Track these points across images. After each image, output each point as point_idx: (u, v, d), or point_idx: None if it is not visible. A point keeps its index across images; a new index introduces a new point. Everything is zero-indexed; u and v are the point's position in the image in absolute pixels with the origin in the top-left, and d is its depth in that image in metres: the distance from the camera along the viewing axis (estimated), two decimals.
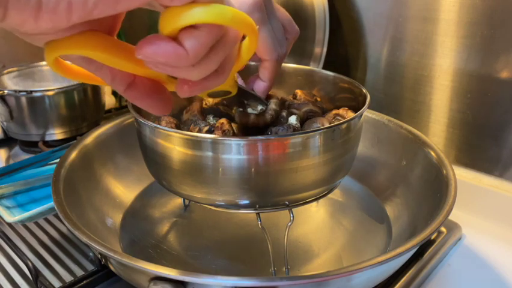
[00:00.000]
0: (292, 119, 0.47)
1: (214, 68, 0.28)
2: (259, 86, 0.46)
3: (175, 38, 0.25)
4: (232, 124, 0.45)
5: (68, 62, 0.29)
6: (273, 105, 0.46)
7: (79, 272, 0.50)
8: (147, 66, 0.26)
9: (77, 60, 0.28)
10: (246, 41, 0.30)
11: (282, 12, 0.48)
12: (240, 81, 0.49)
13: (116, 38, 0.28)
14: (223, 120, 0.44)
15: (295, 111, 0.49)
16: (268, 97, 0.47)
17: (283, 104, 0.49)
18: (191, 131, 0.46)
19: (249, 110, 0.46)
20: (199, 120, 0.48)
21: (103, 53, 0.26)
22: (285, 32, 0.47)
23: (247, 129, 0.45)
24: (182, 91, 0.29)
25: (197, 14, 0.24)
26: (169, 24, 0.24)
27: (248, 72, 0.50)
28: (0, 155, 0.79)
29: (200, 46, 0.25)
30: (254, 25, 0.27)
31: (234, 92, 0.39)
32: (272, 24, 0.43)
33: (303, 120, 0.49)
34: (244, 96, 0.45)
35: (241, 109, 0.46)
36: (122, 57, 0.27)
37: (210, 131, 0.45)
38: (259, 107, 0.46)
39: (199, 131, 0.45)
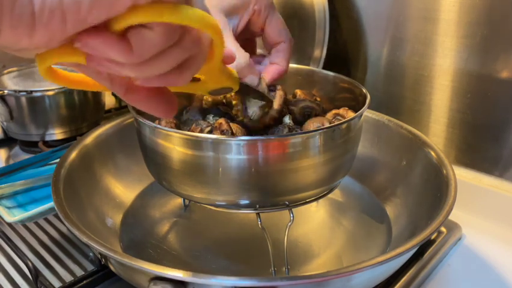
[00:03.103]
0: (286, 119, 0.47)
1: (166, 69, 0.27)
2: (275, 71, 0.45)
3: (123, 35, 0.24)
4: (231, 124, 0.45)
5: (63, 69, 0.29)
6: (277, 100, 0.46)
7: (79, 272, 0.50)
8: (89, 65, 0.25)
9: (73, 66, 0.28)
10: (214, 41, 0.29)
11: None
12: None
13: None
14: (221, 120, 0.44)
15: (291, 107, 0.49)
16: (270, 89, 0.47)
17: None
18: (192, 131, 0.46)
19: (250, 106, 0.46)
20: (201, 120, 0.48)
21: None
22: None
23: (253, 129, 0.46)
24: (138, 82, 0.28)
25: (144, 13, 0.23)
26: (117, 20, 0.23)
27: None
28: (0, 155, 0.79)
29: (147, 45, 0.24)
30: (216, 25, 0.27)
31: (236, 88, 0.39)
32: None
33: (301, 117, 0.49)
34: (246, 92, 0.45)
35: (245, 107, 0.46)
36: None
37: (211, 132, 0.45)
38: (261, 103, 0.46)
39: (201, 131, 0.45)
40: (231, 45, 0.44)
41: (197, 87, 0.36)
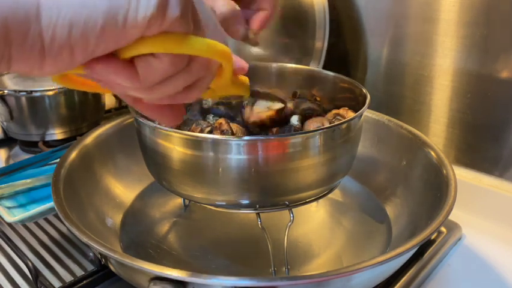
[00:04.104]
0: (294, 119, 0.47)
1: (173, 92, 0.27)
2: (261, 18, 0.44)
3: (131, 61, 0.25)
4: (231, 124, 0.45)
5: (75, 76, 0.29)
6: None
7: (79, 272, 0.50)
8: (98, 83, 0.26)
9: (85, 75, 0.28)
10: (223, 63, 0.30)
11: None
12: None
13: None
14: (221, 120, 0.44)
15: (293, 109, 0.49)
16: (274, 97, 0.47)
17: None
18: (193, 131, 0.46)
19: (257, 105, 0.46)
20: (201, 120, 0.48)
21: None
22: None
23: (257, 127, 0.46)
24: (145, 101, 0.29)
25: (152, 44, 0.24)
26: (125, 50, 0.24)
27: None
28: (0, 155, 0.79)
29: (154, 73, 0.25)
30: (224, 51, 0.27)
31: (247, 95, 0.39)
32: None
33: (302, 118, 0.49)
34: (258, 97, 0.45)
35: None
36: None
37: (211, 132, 0.45)
38: (268, 103, 0.46)
39: (201, 131, 0.45)
40: None
41: (206, 95, 0.36)
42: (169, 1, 0.23)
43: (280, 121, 0.46)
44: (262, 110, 0.46)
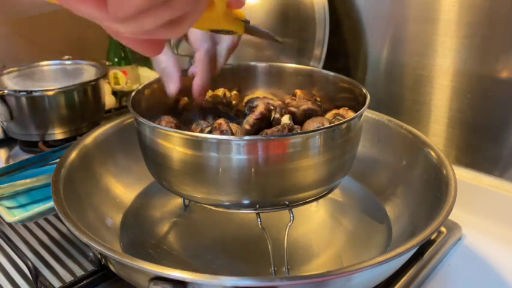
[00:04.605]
0: (285, 119, 0.47)
1: (150, 27, 0.24)
2: (196, 86, 0.44)
3: None
4: (231, 124, 0.45)
5: None
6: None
7: (79, 272, 0.50)
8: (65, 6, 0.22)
9: None
10: None
11: None
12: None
13: None
14: (220, 120, 0.44)
15: (293, 109, 0.49)
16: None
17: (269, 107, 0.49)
18: (193, 131, 0.46)
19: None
20: (201, 120, 0.48)
21: None
22: None
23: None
24: (122, 34, 0.25)
25: None
26: None
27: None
28: (0, 155, 0.79)
29: (123, 5, 0.22)
30: None
31: (241, 32, 0.37)
32: None
33: (302, 119, 0.49)
34: (254, 35, 0.42)
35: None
36: None
37: (211, 132, 0.45)
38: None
39: (201, 131, 0.45)
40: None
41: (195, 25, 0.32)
42: None
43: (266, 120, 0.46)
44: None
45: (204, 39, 0.42)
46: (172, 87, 0.45)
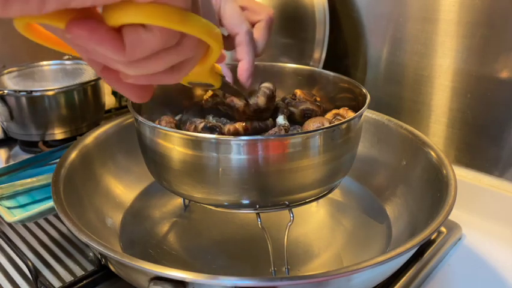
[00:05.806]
0: (280, 119, 0.47)
1: (157, 70, 0.25)
2: (241, 69, 0.43)
3: (118, 30, 0.23)
4: (230, 124, 0.45)
5: (42, 27, 0.26)
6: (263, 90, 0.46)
7: (79, 272, 0.50)
8: (73, 49, 0.24)
9: (56, 32, 0.25)
10: (212, 48, 0.28)
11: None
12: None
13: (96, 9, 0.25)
14: (237, 127, 0.44)
15: (292, 109, 0.49)
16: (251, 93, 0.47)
17: (272, 98, 0.48)
18: (188, 130, 0.46)
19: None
20: (195, 117, 0.48)
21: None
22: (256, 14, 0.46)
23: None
24: (126, 79, 0.26)
25: (146, 13, 0.21)
26: (116, 15, 0.22)
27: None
28: (0, 155, 0.79)
29: (141, 46, 0.23)
30: (219, 34, 0.26)
31: (217, 85, 0.38)
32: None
33: (301, 119, 0.49)
34: (227, 91, 0.44)
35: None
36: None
37: (206, 128, 0.45)
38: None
39: (195, 128, 0.45)
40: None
41: None
42: None
43: (264, 115, 0.46)
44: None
45: (241, 21, 0.42)
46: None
